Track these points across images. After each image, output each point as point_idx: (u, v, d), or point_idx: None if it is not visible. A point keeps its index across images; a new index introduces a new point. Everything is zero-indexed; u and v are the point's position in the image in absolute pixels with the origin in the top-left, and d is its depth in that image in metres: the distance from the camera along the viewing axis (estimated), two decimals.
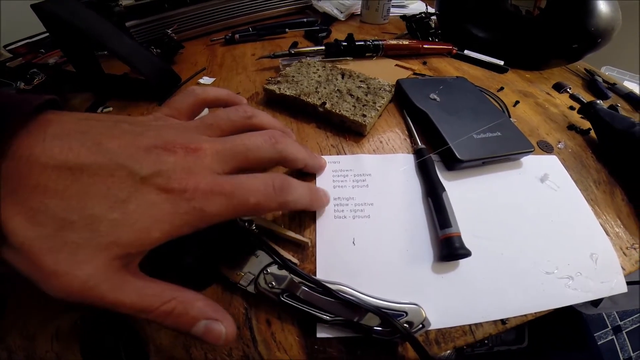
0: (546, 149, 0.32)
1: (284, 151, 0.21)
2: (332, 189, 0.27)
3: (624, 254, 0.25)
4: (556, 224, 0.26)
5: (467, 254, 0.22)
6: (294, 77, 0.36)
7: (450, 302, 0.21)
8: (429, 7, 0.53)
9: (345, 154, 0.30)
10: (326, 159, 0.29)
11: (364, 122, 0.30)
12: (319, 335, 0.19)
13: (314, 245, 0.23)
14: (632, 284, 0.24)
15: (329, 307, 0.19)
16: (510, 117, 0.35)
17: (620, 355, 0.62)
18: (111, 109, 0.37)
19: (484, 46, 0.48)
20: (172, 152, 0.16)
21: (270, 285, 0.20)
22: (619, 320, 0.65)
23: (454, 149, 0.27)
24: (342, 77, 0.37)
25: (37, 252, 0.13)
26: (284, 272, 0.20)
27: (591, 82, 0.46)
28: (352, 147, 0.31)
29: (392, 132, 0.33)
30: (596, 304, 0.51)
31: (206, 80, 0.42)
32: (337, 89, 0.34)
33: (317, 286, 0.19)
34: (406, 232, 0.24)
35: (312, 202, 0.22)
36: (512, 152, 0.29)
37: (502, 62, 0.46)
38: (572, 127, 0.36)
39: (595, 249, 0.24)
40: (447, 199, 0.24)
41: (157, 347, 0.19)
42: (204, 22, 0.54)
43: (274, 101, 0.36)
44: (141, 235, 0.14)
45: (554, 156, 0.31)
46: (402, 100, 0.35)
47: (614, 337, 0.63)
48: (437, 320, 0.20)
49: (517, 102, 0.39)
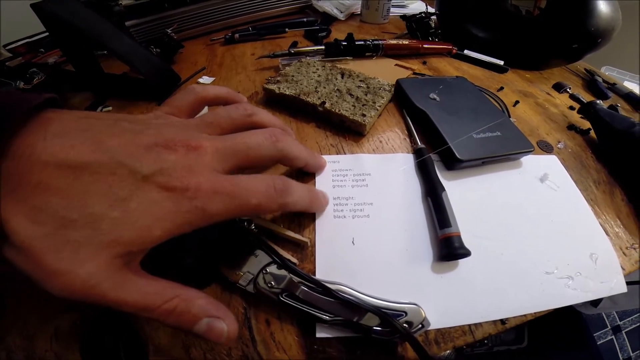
0: (546, 148, 0.32)
1: (285, 149, 0.21)
2: (332, 188, 0.27)
3: (624, 254, 0.25)
4: (556, 224, 0.25)
5: (466, 253, 0.22)
6: (293, 76, 0.36)
7: (449, 302, 0.21)
8: (429, 7, 0.53)
9: (344, 154, 0.30)
10: (326, 158, 0.29)
11: (364, 121, 0.30)
12: (318, 335, 0.19)
13: (314, 244, 0.23)
14: (632, 284, 0.24)
15: (329, 307, 0.19)
16: (510, 117, 0.35)
17: (619, 355, 0.62)
18: (110, 109, 0.37)
19: (484, 46, 0.48)
20: (172, 150, 0.16)
21: (269, 285, 0.20)
22: (618, 320, 0.65)
23: (453, 149, 0.27)
24: (342, 77, 0.37)
25: (39, 251, 0.13)
26: (283, 271, 0.20)
27: (591, 82, 0.46)
28: (352, 147, 0.31)
29: (392, 132, 0.33)
30: (596, 304, 0.51)
31: (206, 79, 0.42)
32: (337, 89, 0.34)
33: (317, 286, 0.19)
34: (406, 231, 0.24)
35: (311, 204, 0.23)
36: (512, 152, 0.29)
37: (502, 62, 0.46)
38: (572, 127, 0.36)
39: (595, 249, 0.24)
40: (446, 199, 0.24)
41: (156, 346, 0.19)
42: (203, 22, 0.54)
43: (273, 101, 0.36)
44: (142, 233, 0.14)
45: (554, 156, 0.31)
46: (402, 99, 0.35)
47: (613, 337, 0.63)
48: (436, 320, 0.20)
49: (517, 102, 0.39)
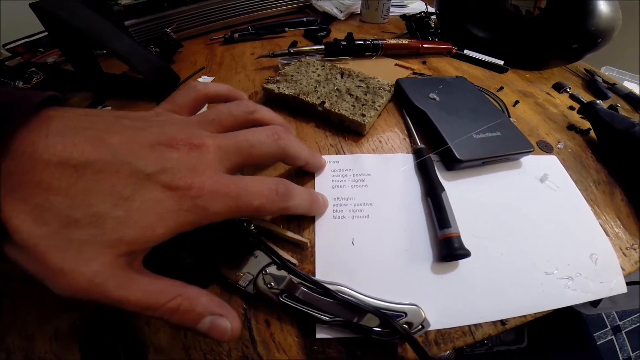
0: (546, 149, 0.32)
1: (287, 147, 0.21)
2: (331, 188, 0.27)
3: (624, 254, 0.25)
4: (556, 224, 0.25)
5: (466, 254, 0.22)
6: (293, 76, 0.36)
7: (449, 302, 0.21)
8: (428, 7, 0.53)
9: (344, 154, 0.30)
10: (325, 158, 0.28)
11: (363, 121, 0.30)
12: (318, 335, 0.19)
13: (313, 245, 0.23)
14: (632, 284, 0.24)
15: (328, 307, 0.19)
16: (509, 117, 0.35)
17: (619, 355, 0.62)
18: (110, 108, 0.37)
19: (484, 46, 0.48)
20: (175, 148, 0.16)
21: (269, 285, 0.19)
22: (618, 320, 0.65)
23: (453, 149, 0.27)
24: (342, 77, 0.37)
25: (43, 250, 0.13)
26: (283, 272, 0.20)
27: (591, 82, 0.46)
28: (352, 147, 0.31)
29: (392, 132, 0.33)
30: (595, 304, 0.51)
31: (205, 79, 0.42)
32: (337, 89, 0.34)
33: (316, 287, 0.19)
34: (405, 232, 0.24)
35: (311, 207, 0.23)
36: (512, 152, 0.28)
37: (502, 62, 0.46)
38: (571, 127, 0.36)
39: (594, 250, 0.24)
40: (446, 199, 0.24)
41: (156, 347, 0.19)
42: (203, 21, 0.53)
43: (273, 100, 0.36)
44: (146, 232, 0.14)
45: (554, 156, 0.31)
46: (402, 99, 0.35)
47: (613, 337, 0.64)
48: (436, 320, 0.20)
49: (517, 102, 0.38)
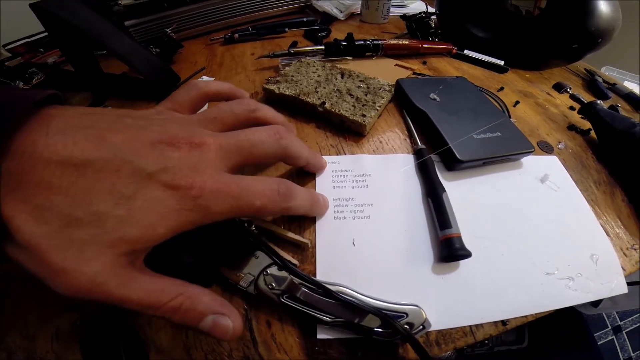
0: (546, 149, 0.32)
1: (288, 147, 0.21)
2: (332, 189, 0.27)
3: (624, 254, 0.25)
4: (556, 225, 0.25)
5: (467, 255, 0.22)
6: (293, 76, 0.36)
7: (450, 303, 0.21)
8: (429, 7, 0.53)
9: (344, 154, 0.30)
10: (326, 159, 0.28)
11: (364, 122, 0.30)
12: (319, 336, 0.19)
13: (314, 246, 0.23)
14: (633, 284, 0.24)
15: (329, 308, 0.19)
16: (510, 117, 0.35)
17: (620, 355, 0.62)
18: (110, 108, 0.37)
19: (484, 46, 0.48)
20: (176, 147, 0.16)
21: (270, 286, 0.19)
22: (619, 320, 0.65)
23: (454, 149, 0.27)
24: (342, 77, 0.37)
25: (45, 250, 0.13)
26: (284, 273, 0.20)
27: (591, 82, 0.46)
28: (352, 147, 0.31)
29: (392, 132, 0.33)
30: (596, 304, 0.51)
31: (205, 79, 0.42)
32: (337, 89, 0.34)
33: (317, 287, 0.19)
34: (406, 232, 0.24)
35: (312, 208, 0.23)
36: (512, 153, 0.28)
37: (502, 62, 0.46)
38: (572, 127, 0.36)
39: (595, 250, 0.24)
40: (447, 200, 0.24)
41: (157, 347, 0.19)
42: (203, 22, 0.53)
43: (273, 101, 0.36)
44: (147, 231, 0.14)
45: (554, 156, 0.31)
46: (402, 100, 0.35)
47: (614, 337, 0.64)
48: (437, 321, 0.20)
49: (517, 102, 0.38)
